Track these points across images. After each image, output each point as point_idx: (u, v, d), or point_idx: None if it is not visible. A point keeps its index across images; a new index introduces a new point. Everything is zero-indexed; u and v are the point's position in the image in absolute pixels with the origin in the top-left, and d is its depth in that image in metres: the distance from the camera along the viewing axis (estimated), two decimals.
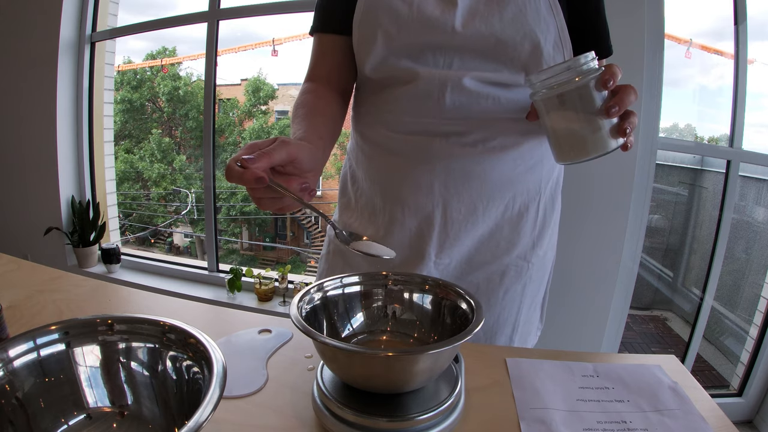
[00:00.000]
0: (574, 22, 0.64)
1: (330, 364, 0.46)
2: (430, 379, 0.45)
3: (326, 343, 0.40)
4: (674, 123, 5.31)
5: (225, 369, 0.37)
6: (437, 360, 0.43)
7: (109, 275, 2.38)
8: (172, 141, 11.54)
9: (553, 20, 0.62)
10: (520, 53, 0.62)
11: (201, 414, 0.31)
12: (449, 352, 0.44)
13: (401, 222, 0.70)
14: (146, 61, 11.40)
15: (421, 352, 0.42)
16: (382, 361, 0.41)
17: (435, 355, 0.42)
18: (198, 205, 10.69)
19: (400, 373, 0.42)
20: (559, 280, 0.90)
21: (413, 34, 0.63)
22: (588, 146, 0.53)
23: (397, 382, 0.43)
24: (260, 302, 2.17)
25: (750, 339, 1.97)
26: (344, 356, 0.43)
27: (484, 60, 0.63)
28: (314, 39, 0.74)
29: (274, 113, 11.82)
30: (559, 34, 0.63)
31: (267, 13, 2.12)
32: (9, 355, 0.39)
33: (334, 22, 0.71)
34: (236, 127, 11.60)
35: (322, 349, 0.44)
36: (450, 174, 0.66)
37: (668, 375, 0.56)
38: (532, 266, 0.74)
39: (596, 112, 0.52)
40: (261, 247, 11.99)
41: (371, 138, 0.72)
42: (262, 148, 0.47)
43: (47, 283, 0.75)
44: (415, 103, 0.65)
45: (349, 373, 0.45)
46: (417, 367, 0.42)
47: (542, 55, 0.62)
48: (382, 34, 0.65)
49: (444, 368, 0.47)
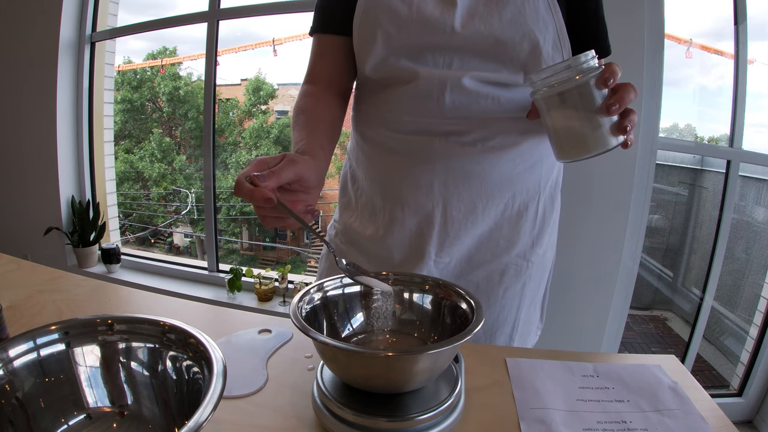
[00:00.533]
0: (572, 21, 0.65)
1: (330, 364, 0.46)
2: (430, 379, 0.45)
3: (326, 343, 0.40)
4: (674, 123, 5.31)
5: (225, 369, 0.37)
6: (437, 360, 0.43)
7: (109, 275, 2.38)
8: (172, 141, 11.55)
9: (551, 20, 0.62)
10: (519, 53, 0.62)
11: (201, 414, 0.31)
12: (449, 351, 0.44)
13: (401, 221, 0.70)
14: (146, 61, 11.41)
15: (420, 352, 0.42)
16: (382, 361, 0.41)
17: (435, 355, 0.42)
18: (198, 205, 10.69)
19: (400, 373, 0.42)
20: (559, 280, 0.90)
21: (413, 35, 0.63)
22: (589, 144, 0.53)
23: (397, 382, 0.43)
24: (260, 302, 2.17)
25: (750, 339, 1.97)
26: (344, 356, 0.43)
27: (483, 60, 0.63)
28: (314, 40, 0.74)
29: (274, 113, 11.82)
30: (557, 33, 0.63)
31: (267, 13, 2.12)
32: (9, 355, 0.39)
33: (335, 22, 0.70)
34: (236, 127, 11.61)
35: (321, 349, 0.44)
36: (450, 173, 0.66)
37: (668, 375, 0.56)
38: (531, 265, 0.74)
39: (596, 110, 0.52)
40: (261, 247, 11.99)
41: (371, 138, 0.72)
42: (271, 166, 0.48)
43: (47, 283, 0.75)
44: (414, 102, 0.65)
45: (349, 373, 0.45)
46: (417, 367, 0.42)
47: (541, 54, 0.62)
48: (381, 34, 0.65)
49: (444, 368, 0.47)
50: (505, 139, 0.66)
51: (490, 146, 0.66)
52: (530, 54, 0.62)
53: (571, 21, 0.64)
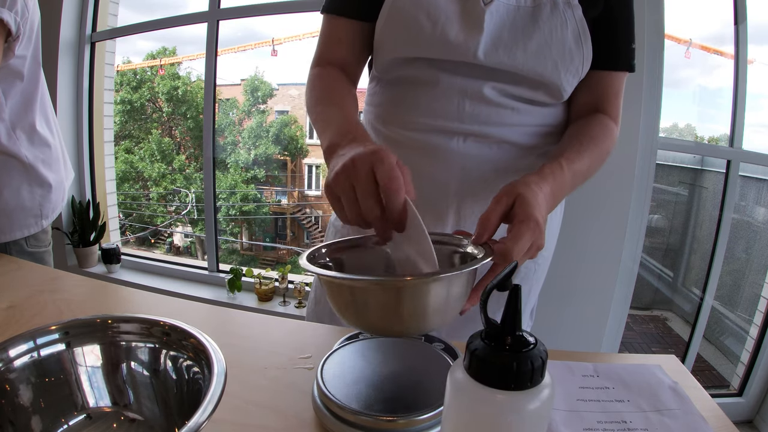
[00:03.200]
0: (599, 41, 0.63)
1: (341, 305, 0.44)
2: (443, 320, 0.44)
3: (339, 278, 0.40)
4: (674, 123, 5.31)
5: (225, 369, 0.37)
6: (451, 288, 0.42)
7: (109, 275, 2.38)
8: (171, 141, 11.56)
9: (579, 51, 0.61)
10: (540, 79, 0.62)
11: (201, 414, 0.31)
12: (464, 279, 0.43)
13: None
14: (146, 61, 11.42)
15: (436, 275, 0.41)
16: (395, 290, 0.40)
17: (449, 281, 0.41)
18: (198, 205, 10.70)
19: (413, 302, 0.41)
20: (559, 280, 0.90)
21: (433, 52, 0.62)
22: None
23: (411, 318, 0.41)
24: (260, 302, 2.17)
25: (750, 339, 1.97)
26: (359, 291, 0.42)
27: (504, 76, 0.63)
28: (329, 20, 0.69)
29: (274, 113, 11.84)
30: (582, 63, 0.62)
31: (267, 13, 2.12)
32: (9, 355, 0.39)
33: (358, 6, 0.66)
34: (236, 127, 11.62)
35: (336, 289, 0.43)
36: (467, 174, 0.66)
37: (668, 375, 0.56)
38: (538, 267, 0.74)
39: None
40: (261, 247, 12.00)
41: (386, 135, 0.71)
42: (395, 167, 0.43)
43: (47, 283, 0.75)
44: (434, 105, 0.65)
45: (365, 312, 0.43)
46: (431, 297, 0.40)
47: (561, 83, 0.62)
48: (403, 43, 0.63)
49: (457, 310, 0.45)
50: (522, 144, 0.66)
51: (507, 149, 0.65)
52: (551, 81, 0.62)
53: (597, 40, 0.63)
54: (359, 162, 0.43)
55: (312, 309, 0.81)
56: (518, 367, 0.28)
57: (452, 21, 0.60)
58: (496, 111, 0.63)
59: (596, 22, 0.63)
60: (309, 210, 12.30)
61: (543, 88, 0.63)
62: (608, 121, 0.67)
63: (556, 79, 0.61)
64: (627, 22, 0.66)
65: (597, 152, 0.63)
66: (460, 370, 0.30)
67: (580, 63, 0.62)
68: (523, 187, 0.49)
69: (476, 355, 0.29)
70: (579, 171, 0.59)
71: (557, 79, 0.61)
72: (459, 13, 0.60)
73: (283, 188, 12.19)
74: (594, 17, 0.63)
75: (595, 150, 0.62)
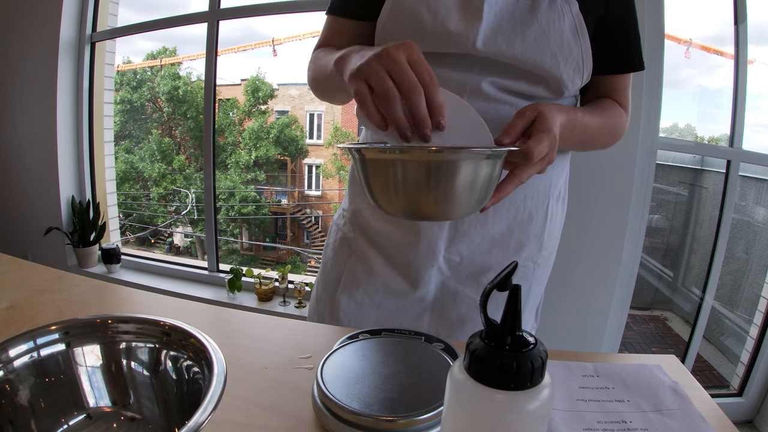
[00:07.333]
0: (600, 38, 0.64)
1: (380, 185, 0.47)
2: (468, 204, 0.47)
3: (380, 149, 0.45)
4: (674, 123, 5.31)
5: (225, 369, 0.37)
6: (479, 170, 0.45)
7: (109, 275, 2.38)
8: (171, 141, 11.56)
9: (577, 44, 0.62)
10: (538, 71, 0.62)
11: (201, 414, 0.31)
12: (492, 163, 0.46)
13: None
14: (146, 60, 11.42)
15: (473, 149, 0.45)
16: (425, 162, 0.43)
17: (477, 160, 0.44)
18: (198, 205, 10.70)
19: (445, 179, 0.44)
20: (559, 280, 0.90)
21: (434, 45, 0.63)
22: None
23: (440, 197, 0.45)
24: (260, 302, 2.17)
25: (750, 339, 1.97)
26: (402, 166, 0.44)
27: (503, 70, 0.63)
28: (331, 21, 0.73)
29: (274, 113, 11.84)
30: (582, 56, 0.63)
31: (267, 13, 2.12)
32: (9, 355, 0.39)
33: (359, 7, 0.69)
34: (236, 127, 11.62)
35: (380, 166, 0.46)
36: None
37: (668, 375, 0.56)
38: (537, 267, 0.74)
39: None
40: (261, 247, 12.01)
41: (385, 131, 0.71)
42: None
43: (47, 283, 0.75)
44: None
45: (404, 188, 0.46)
46: (463, 172, 0.44)
47: (561, 75, 0.62)
48: (405, 38, 0.63)
49: (481, 199, 0.48)
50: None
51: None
52: (550, 74, 0.62)
53: (598, 37, 0.64)
54: (393, 50, 0.45)
55: (314, 307, 0.81)
56: (518, 367, 0.28)
57: (452, 11, 0.62)
58: (494, 107, 0.64)
59: (605, 28, 0.64)
60: (309, 210, 12.31)
61: (542, 83, 0.63)
62: (618, 106, 0.70)
63: (556, 71, 0.62)
64: (633, 23, 0.68)
65: (607, 121, 0.66)
66: (460, 370, 0.30)
67: (579, 56, 0.62)
68: (545, 107, 0.54)
69: (476, 355, 0.29)
70: (589, 125, 0.63)
71: (557, 70, 0.62)
72: (458, 4, 0.62)
73: (283, 188, 12.21)
74: (598, 21, 0.64)
75: (605, 118, 0.66)
